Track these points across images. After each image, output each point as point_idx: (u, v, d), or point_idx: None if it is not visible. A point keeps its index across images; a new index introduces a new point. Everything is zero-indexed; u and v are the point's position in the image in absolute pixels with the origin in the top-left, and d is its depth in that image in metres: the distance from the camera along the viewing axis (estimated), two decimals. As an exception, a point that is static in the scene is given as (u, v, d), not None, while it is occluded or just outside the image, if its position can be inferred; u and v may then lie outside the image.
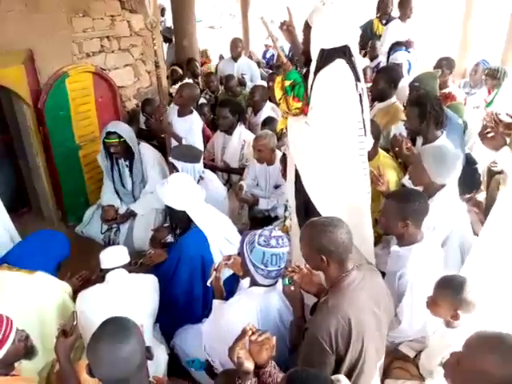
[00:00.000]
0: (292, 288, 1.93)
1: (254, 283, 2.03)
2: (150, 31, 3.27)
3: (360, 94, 2.36)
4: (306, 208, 2.51)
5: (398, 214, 2.14)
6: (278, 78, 2.36)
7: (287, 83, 2.27)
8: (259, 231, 1.99)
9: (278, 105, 2.53)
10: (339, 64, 2.21)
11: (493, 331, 1.31)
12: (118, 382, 1.37)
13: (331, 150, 2.34)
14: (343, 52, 2.22)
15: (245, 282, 2.15)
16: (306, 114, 2.32)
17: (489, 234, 2.28)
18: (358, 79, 2.30)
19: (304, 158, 2.43)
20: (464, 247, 2.45)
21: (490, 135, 2.31)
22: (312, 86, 2.26)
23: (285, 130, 2.64)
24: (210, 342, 2.08)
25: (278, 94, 2.36)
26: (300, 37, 2.40)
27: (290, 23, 2.37)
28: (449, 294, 1.85)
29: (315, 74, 2.24)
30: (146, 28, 3.37)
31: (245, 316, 1.90)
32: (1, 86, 3.33)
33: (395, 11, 5.97)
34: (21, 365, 1.81)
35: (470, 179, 3.32)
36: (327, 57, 2.21)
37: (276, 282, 2.03)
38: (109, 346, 1.36)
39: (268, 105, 4.68)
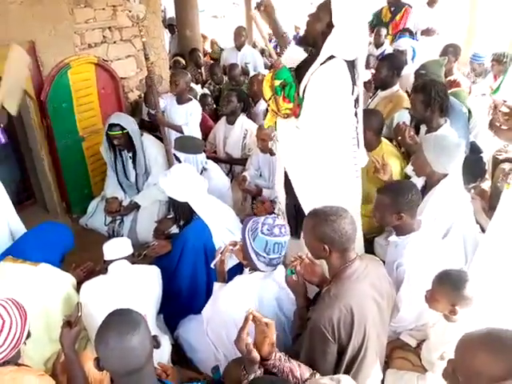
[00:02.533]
0: (295, 278, 1.93)
1: (253, 269, 2.04)
2: (136, 23, 3.22)
3: (355, 100, 2.27)
4: (296, 209, 2.49)
5: (391, 207, 2.14)
6: (268, 76, 2.24)
7: (277, 83, 2.15)
8: (262, 219, 1.99)
9: (267, 104, 2.38)
10: (337, 63, 2.12)
11: (478, 330, 1.24)
12: (129, 373, 1.36)
13: (322, 156, 2.27)
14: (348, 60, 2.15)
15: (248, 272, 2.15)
16: (296, 116, 2.22)
17: (494, 233, 2.25)
18: (355, 83, 2.22)
19: (293, 161, 2.37)
20: (466, 237, 2.43)
21: (504, 127, 2.24)
22: (306, 85, 2.16)
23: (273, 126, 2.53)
24: (211, 324, 2.08)
25: (268, 92, 2.23)
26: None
27: (268, 3, 2.23)
28: (447, 289, 1.84)
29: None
30: (131, 21, 3.32)
31: (243, 299, 1.92)
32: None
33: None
34: (26, 355, 1.83)
35: (474, 168, 3.30)
36: (328, 58, 2.12)
37: (274, 269, 2.03)
38: (118, 338, 1.34)
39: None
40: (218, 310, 2.00)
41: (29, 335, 1.73)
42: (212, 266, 2.27)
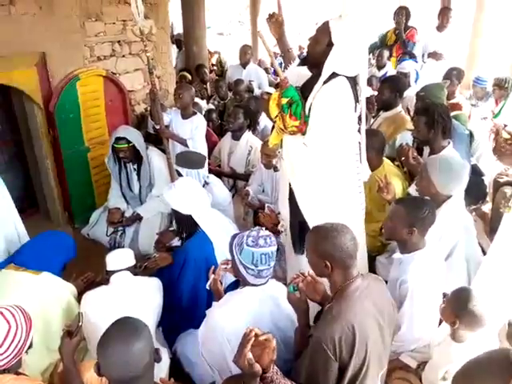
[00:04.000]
0: (297, 295, 1.93)
1: (244, 284, 2.03)
2: (140, 38, 3.27)
3: (358, 117, 2.33)
4: (300, 227, 2.50)
5: (405, 220, 2.14)
6: (275, 95, 2.29)
7: (284, 101, 2.20)
8: (247, 232, 2.00)
9: (273, 122, 2.42)
10: (340, 81, 2.18)
11: (469, 360, 1.23)
12: (127, 381, 1.38)
13: (329, 171, 2.31)
14: (350, 78, 2.21)
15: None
16: (303, 133, 2.26)
17: (495, 257, 2.27)
18: (357, 100, 2.28)
19: (299, 177, 2.40)
20: (469, 258, 2.44)
21: (507, 152, 2.27)
22: (311, 104, 2.21)
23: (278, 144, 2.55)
24: (205, 344, 2.07)
25: (274, 111, 2.27)
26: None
27: (279, 16, 2.30)
28: (454, 300, 1.88)
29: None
30: (135, 35, 3.36)
31: (235, 315, 1.90)
32: (13, 88, 3.39)
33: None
34: (24, 364, 1.82)
35: (476, 190, 3.32)
36: (331, 76, 2.19)
37: (266, 282, 2.03)
38: (119, 346, 1.37)
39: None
40: (209, 326, 2.00)
41: (30, 346, 1.73)
42: (207, 287, 2.27)
